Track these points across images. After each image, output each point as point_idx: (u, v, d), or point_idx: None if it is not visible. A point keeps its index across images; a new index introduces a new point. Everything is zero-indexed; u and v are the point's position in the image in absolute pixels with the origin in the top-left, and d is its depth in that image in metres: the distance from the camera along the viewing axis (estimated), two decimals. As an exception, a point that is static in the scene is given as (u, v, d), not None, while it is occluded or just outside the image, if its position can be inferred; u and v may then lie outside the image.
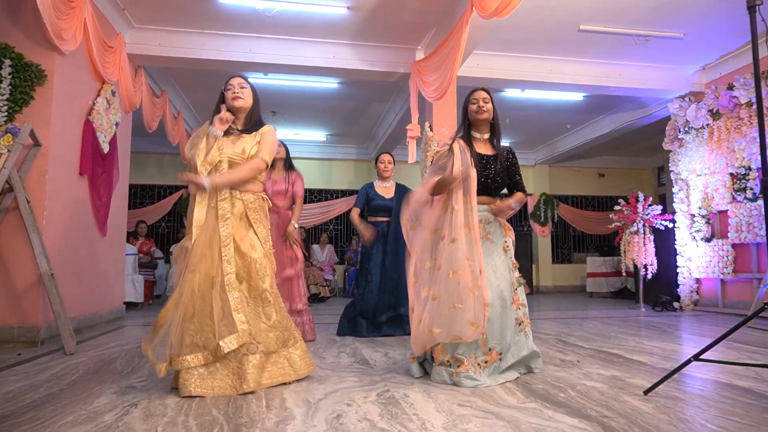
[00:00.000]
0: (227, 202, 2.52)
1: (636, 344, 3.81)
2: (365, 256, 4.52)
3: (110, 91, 4.90)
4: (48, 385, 2.53)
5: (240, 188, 2.58)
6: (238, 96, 2.64)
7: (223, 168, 2.54)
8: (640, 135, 9.17)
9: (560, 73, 6.30)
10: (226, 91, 2.66)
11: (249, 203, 2.60)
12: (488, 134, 2.89)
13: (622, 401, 2.20)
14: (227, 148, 2.58)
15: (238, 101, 2.64)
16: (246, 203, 2.59)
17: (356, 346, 3.78)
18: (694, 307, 6.65)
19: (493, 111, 2.83)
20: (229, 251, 2.46)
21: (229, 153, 2.57)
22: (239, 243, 2.53)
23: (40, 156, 3.87)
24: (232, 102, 2.64)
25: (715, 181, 6.33)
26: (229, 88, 2.66)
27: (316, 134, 9.72)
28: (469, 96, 2.88)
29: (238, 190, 2.57)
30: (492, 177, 2.78)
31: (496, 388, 2.44)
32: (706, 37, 5.77)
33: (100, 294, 4.91)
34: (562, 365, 3.00)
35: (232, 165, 2.56)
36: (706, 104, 6.43)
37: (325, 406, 2.15)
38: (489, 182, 2.78)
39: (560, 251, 11.53)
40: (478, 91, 2.85)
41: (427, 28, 5.54)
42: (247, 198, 2.60)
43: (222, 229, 2.47)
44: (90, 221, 4.68)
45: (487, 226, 2.78)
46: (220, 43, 5.62)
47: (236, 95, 2.64)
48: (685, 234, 6.75)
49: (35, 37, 3.91)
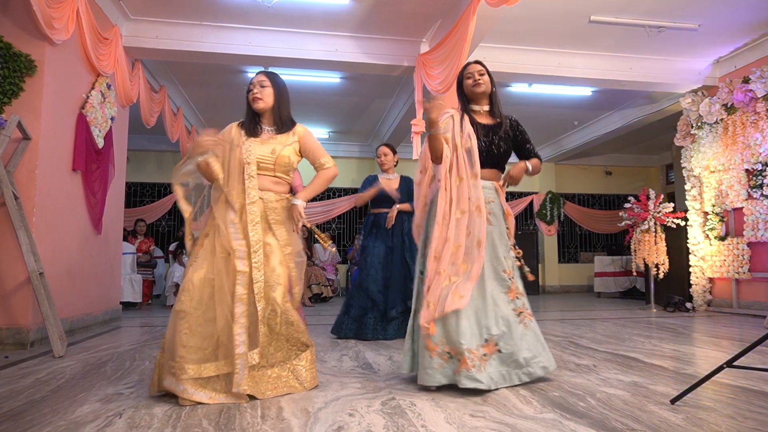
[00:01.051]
0: (256, 206, 2.37)
1: (653, 347, 3.62)
2: (365, 249, 4.32)
3: (105, 85, 4.74)
4: (30, 392, 2.36)
5: (263, 188, 2.42)
6: (257, 97, 2.48)
7: (252, 170, 2.39)
8: (649, 131, 8.97)
9: (569, 66, 6.12)
10: (249, 92, 2.52)
11: (270, 203, 2.43)
12: (488, 106, 2.76)
13: (648, 411, 2.02)
14: (255, 149, 2.43)
15: (257, 103, 2.48)
16: (266, 202, 2.42)
17: (359, 349, 3.60)
18: (707, 308, 6.46)
19: (490, 82, 2.71)
20: (259, 258, 2.30)
21: (257, 154, 2.42)
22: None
23: (29, 150, 3.71)
24: (253, 104, 2.49)
25: (729, 177, 6.13)
26: (250, 89, 2.51)
27: (319, 131, 9.55)
28: (463, 71, 2.76)
29: (260, 190, 2.41)
30: (497, 144, 2.65)
31: (510, 396, 2.27)
32: (721, 29, 5.58)
33: (95, 294, 4.75)
34: (577, 370, 2.83)
35: (260, 167, 2.42)
36: (719, 98, 6.23)
37: (326, 416, 1.98)
38: (494, 150, 2.64)
39: (567, 250, 11.33)
40: (471, 64, 2.74)
41: (432, 19, 5.37)
42: (268, 197, 2.44)
43: (252, 235, 2.32)
44: (84, 218, 4.52)
45: (489, 206, 2.60)
46: (219, 35, 5.46)
47: (255, 96, 2.48)
48: (697, 232, 6.55)
49: (25, 26, 3.75)
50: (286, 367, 2.37)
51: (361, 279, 4.24)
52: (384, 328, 4.07)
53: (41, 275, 3.46)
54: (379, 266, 4.21)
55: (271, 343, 2.34)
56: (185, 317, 2.18)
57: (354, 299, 4.21)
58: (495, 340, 2.42)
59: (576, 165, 11.28)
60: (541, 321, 5.33)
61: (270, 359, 2.33)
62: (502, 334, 2.43)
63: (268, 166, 2.44)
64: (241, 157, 2.40)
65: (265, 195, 2.42)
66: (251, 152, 2.40)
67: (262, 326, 2.25)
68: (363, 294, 4.19)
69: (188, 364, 2.13)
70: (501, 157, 2.69)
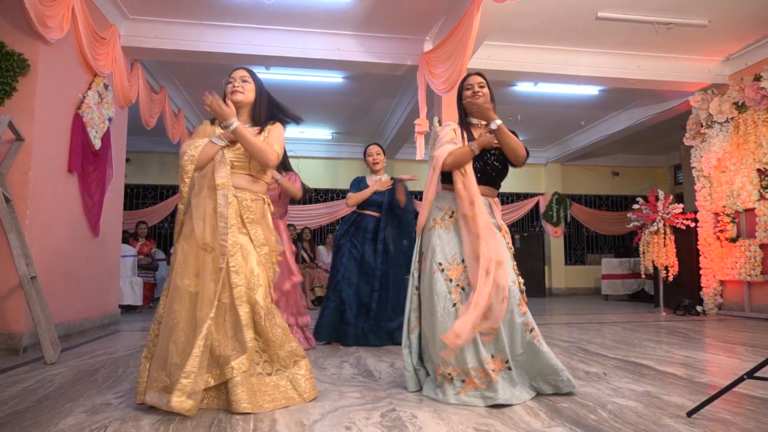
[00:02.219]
0: (232, 208, 2.25)
1: (664, 353, 3.49)
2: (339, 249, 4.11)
3: (102, 85, 4.66)
4: (15, 402, 2.26)
5: (238, 186, 2.31)
6: (237, 90, 2.39)
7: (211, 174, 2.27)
8: (657, 131, 8.82)
9: (575, 64, 5.99)
10: (227, 85, 2.43)
11: (244, 201, 2.32)
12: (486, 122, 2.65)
13: (664, 425, 1.90)
14: (230, 149, 2.31)
15: (236, 95, 2.38)
16: (240, 201, 2.30)
17: (360, 355, 3.49)
18: (718, 312, 6.31)
19: (489, 96, 2.62)
20: (237, 261, 2.19)
21: (230, 155, 2.31)
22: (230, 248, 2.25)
23: (22, 151, 3.63)
24: (231, 96, 2.39)
25: (741, 177, 5.98)
26: (230, 81, 2.43)
27: (322, 132, 9.45)
28: (464, 81, 2.68)
29: (235, 188, 2.30)
30: (491, 163, 2.56)
31: (517, 409, 2.15)
32: (732, 25, 5.44)
33: (93, 297, 4.66)
34: (587, 378, 2.71)
35: (234, 165, 2.31)
36: (730, 97, 6.09)
37: (321, 429, 1.88)
38: (488, 169, 2.55)
39: (573, 252, 11.18)
40: (472, 76, 2.66)
41: (435, 17, 5.26)
42: (243, 196, 2.32)
43: (229, 237, 2.20)
44: (81, 221, 4.44)
45: None
46: (219, 34, 5.37)
47: (236, 89, 2.39)
48: (708, 234, 6.40)
49: (18, 24, 3.67)
50: (284, 375, 2.25)
51: (335, 282, 4.04)
52: (365, 335, 3.89)
53: (33, 279, 3.37)
54: (355, 268, 4.03)
55: (265, 349, 2.24)
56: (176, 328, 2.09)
57: (329, 301, 4.02)
58: (502, 357, 2.30)
59: (583, 166, 11.13)
60: (548, 325, 5.20)
61: (266, 367, 2.23)
62: (512, 352, 2.33)
63: (243, 164, 2.33)
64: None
65: (240, 194, 2.31)
66: (224, 151, 2.30)
67: (248, 331, 2.14)
68: (337, 298, 3.99)
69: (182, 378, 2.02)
70: (497, 175, 2.60)
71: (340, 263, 4.08)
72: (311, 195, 10.13)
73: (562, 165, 11.02)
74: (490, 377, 2.21)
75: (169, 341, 2.08)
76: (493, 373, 2.23)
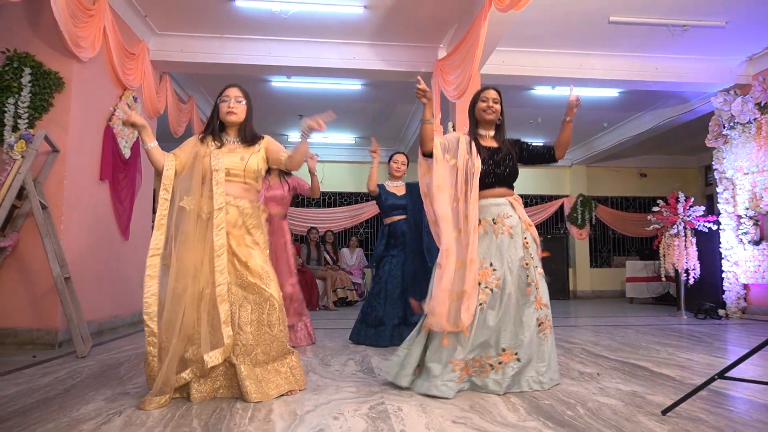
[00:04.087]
0: (223, 211, 2.44)
1: (667, 356, 3.53)
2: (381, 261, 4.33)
3: (132, 97, 4.98)
4: (45, 390, 2.52)
5: (235, 195, 2.51)
6: (232, 111, 2.55)
7: (221, 177, 2.46)
8: (684, 132, 8.66)
9: (591, 68, 6.01)
10: (221, 102, 2.58)
11: (244, 209, 2.53)
12: (493, 131, 2.87)
13: (635, 422, 1.99)
14: (225, 158, 2.51)
15: (231, 116, 2.56)
16: (241, 209, 2.52)
17: (367, 354, 3.66)
18: (741, 315, 6.20)
19: (500, 112, 2.82)
20: (222, 262, 2.39)
21: (227, 163, 2.50)
22: (236, 250, 2.46)
23: (58, 162, 3.95)
24: (226, 116, 2.56)
25: (764, 179, 5.88)
26: (224, 100, 2.58)
27: (345, 137, 9.68)
28: (480, 94, 2.86)
29: (232, 197, 2.50)
30: (504, 164, 2.74)
31: (499, 403, 2.27)
32: (752, 25, 5.36)
33: (123, 297, 4.98)
34: (579, 378, 2.80)
35: (230, 173, 2.50)
36: (753, 97, 6.00)
37: (311, 419, 2.05)
38: (501, 170, 2.73)
39: (599, 255, 11.06)
40: (489, 89, 2.83)
41: (448, 24, 5.39)
42: (243, 205, 2.53)
43: (216, 239, 2.38)
44: (112, 226, 4.75)
45: (506, 220, 2.67)
46: (241, 47, 5.64)
47: (230, 110, 2.55)
48: (731, 236, 6.31)
49: (54, 45, 3.99)
50: (284, 362, 2.46)
51: (378, 290, 4.23)
52: (401, 335, 4.00)
53: (67, 280, 3.67)
54: (394, 279, 4.21)
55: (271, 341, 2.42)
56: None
57: (371, 308, 4.21)
58: (513, 350, 2.48)
59: (608, 167, 11.00)
60: (564, 327, 5.25)
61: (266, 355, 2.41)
62: (520, 344, 2.50)
63: (238, 173, 2.51)
64: (209, 164, 2.47)
65: (240, 203, 2.50)
66: (220, 160, 2.48)
67: (226, 327, 2.31)
68: (380, 305, 4.18)
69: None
70: (509, 176, 2.78)
71: (383, 273, 4.26)
72: (335, 198, 10.37)
73: (588, 167, 10.93)
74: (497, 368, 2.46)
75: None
76: (501, 365, 2.46)
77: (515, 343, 2.50)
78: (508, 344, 2.50)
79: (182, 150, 2.56)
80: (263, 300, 2.43)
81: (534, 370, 2.53)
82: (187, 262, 2.34)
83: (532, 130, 9.06)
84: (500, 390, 2.43)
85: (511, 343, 2.50)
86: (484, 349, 2.50)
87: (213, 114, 2.62)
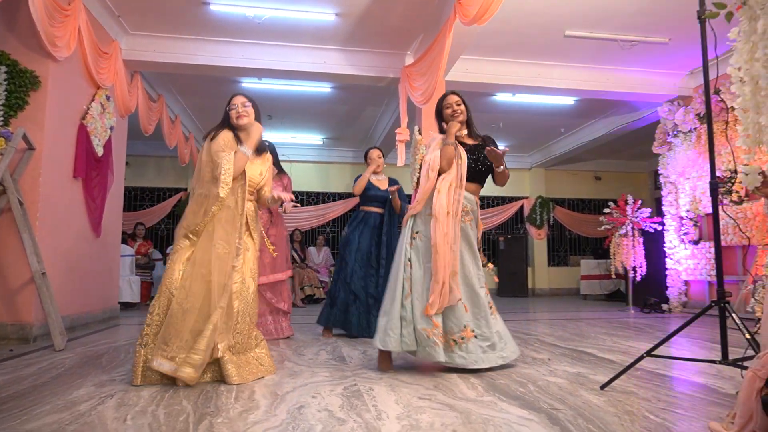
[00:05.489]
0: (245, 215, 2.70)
1: (612, 344, 3.89)
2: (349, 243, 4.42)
3: (105, 96, 5.04)
4: (32, 378, 2.64)
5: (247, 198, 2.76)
6: (242, 115, 2.77)
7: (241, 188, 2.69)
8: (635, 138, 9.22)
9: (548, 77, 6.40)
10: (230, 110, 2.79)
11: (249, 211, 2.77)
12: (466, 130, 3.15)
13: (577, 395, 2.29)
14: (249, 168, 2.75)
15: (242, 119, 2.77)
16: (247, 211, 2.75)
17: (338, 344, 3.88)
18: (682, 309, 6.71)
19: (466, 110, 3.08)
20: (239, 261, 2.62)
21: (250, 173, 2.75)
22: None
23: (33, 159, 4.01)
24: (237, 121, 2.77)
25: (702, 184, 6.40)
26: (232, 107, 2.79)
27: (313, 137, 9.85)
28: (442, 101, 3.13)
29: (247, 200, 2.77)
30: (481, 160, 3.03)
31: (459, 382, 2.54)
32: (691, 43, 5.84)
33: (95, 293, 5.03)
34: (532, 363, 3.09)
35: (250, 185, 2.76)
36: (693, 108, 6.50)
37: (291, 398, 2.26)
38: (479, 166, 3.02)
39: (556, 254, 11.59)
40: (449, 95, 3.11)
41: (415, 33, 5.66)
42: (249, 207, 2.78)
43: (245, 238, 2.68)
44: (84, 223, 4.81)
45: (472, 213, 3.01)
46: (214, 48, 5.76)
47: (241, 114, 2.77)
48: (673, 236, 6.82)
49: (30, 44, 4.05)
50: (255, 353, 2.73)
51: (345, 273, 4.35)
52: (368, 325, 4.18)
53: (44, 275, 3.74)
54: (363, 261, 4.35)
55: (250, 332, 2.70)
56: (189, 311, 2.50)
57: (338, 292, 4.33)
58: (471, 326, 2.81)
59: (566, 170, 11.54)
60: (521, 321, 5.59)
61: (246, 346, 2.68)
62: (478, 323, 2.84)
63: (253, 184, 2.78)
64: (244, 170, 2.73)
65: (248, 205, 2.76)
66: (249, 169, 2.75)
67: (240, 318, 2.59)
68: (346, 288, 4.31)
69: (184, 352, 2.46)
70: (484, 173, 3.08)
71: (349, 257, 4.39)
72: (303, 197, 10.52)
73: (546, 170, 11.43)
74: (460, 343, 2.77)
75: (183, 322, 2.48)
76: (462, 340, 2.76)
77: (474, 320, 2.84)
78: (468, 321, 2.81)
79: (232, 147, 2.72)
80: (250, 294, 2.71)
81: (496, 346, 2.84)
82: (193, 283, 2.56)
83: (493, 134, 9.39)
84: (466, 364, 2.72)
85: (469, 320, 2.82)
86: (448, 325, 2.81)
87: (223, 121, 2.82)
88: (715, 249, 2.37)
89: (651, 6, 5.07)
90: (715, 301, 2.22)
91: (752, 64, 1.50)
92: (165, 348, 2.45)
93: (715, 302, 2.22)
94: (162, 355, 2.44)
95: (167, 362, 2.43)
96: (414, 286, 2.85)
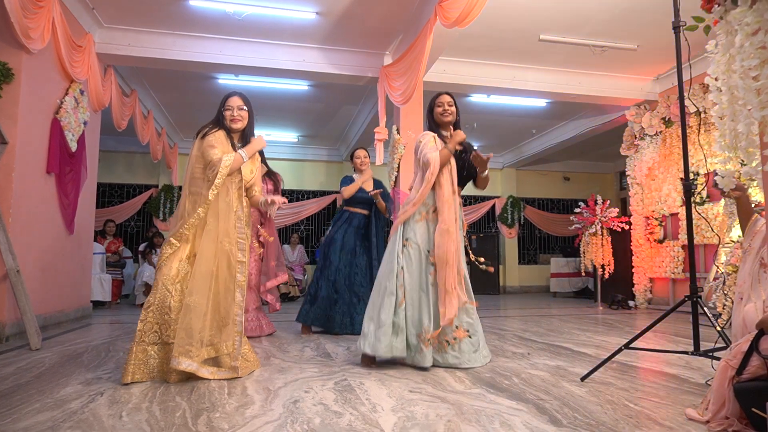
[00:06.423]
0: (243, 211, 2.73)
1: (586, 339, 4.04)
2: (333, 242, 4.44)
3: (78, 90, 4.92)
4: (15, 377, 2.59)
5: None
6: (237, 119, 2.76)
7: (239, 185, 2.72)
8: (603, 140, 9.53)
9: (523, 80, 6.56)
10: (225, 111, 2.76)
11: (245, 208, 2.80)
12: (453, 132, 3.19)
13: (560, 387, 2.39)
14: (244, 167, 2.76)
15: (236, 123, 2.77)
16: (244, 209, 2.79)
17: (320, 341, 3.91)
18: (647, 306, 6.99)
19: (456, 113, 3.15)
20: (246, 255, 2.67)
21: (244, 171, 2.77)
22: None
23: (6, 154, 3.90)
24: (230, 124, 2.76)
25: (667, 185, 6.68)
26: (227, 109, 2.76)
27: (288, 135, 9.81)
28: (435, 100, 3.18)
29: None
30: (467, 167, 3.11)
31: (447, 376, 2.62)
32: (658, 50, 6.09)
33: (67, 292, 4.92)
34: (513, 357, 3.20)
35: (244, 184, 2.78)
36: (659, 112, 6.77)
37: (284, 393, 2.29)
38: (464, 172, 3.11)
39: (527, 252, 11.86)
40: (442, 95, 3.17)
41: (394, 34, 5.72)
42: (244, 205, 2.80)
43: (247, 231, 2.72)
44: (57, 219, 4.70)
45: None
46: (191, 44, 5.69)
47: (235, 118, 2.76)
48: (640, 235, 7.08)
49: (3, 36, 3.93)
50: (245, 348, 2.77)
51: (329, 271, 4.36)
52: (352, 322, 4.22)
53: (18, 272, 3.65)
54: (346, 259, 4.37)
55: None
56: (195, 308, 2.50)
57: (320, 290, 4.34)
58: (464, 326, 2.89)
59: (536, 171, 11.82)
60: (496, 318, 5.73)
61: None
62: (470, 323, 2.92)
63: (244, 181, 2.78)
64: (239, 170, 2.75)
65: (244, 202, 2.80)
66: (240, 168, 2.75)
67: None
68: (329, 285, 4.33)
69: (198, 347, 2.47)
70: (467, 178, 3.17)
71: (333, 255, 4.40)
72: (277, 195, 10.45)
73: (517, 170, 11.68)
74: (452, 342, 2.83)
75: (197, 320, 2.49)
76: (455, 340, 2.84)
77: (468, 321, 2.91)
78: (458, 322, 2.87)
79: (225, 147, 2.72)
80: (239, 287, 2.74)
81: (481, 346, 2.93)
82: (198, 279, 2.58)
83: (468, 134, 9.58)
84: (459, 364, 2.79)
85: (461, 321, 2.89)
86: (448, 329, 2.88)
87: (217, 118, 2.80)
88: (689, 246, 2.51)
89: (622, 14, 5.27)
90: (689, 296, 2.35)
91: (730, 75, 1.61)
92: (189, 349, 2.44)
93: (688, 297, 2.35)
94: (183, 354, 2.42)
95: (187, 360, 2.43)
96: (408, 294, 2.88)
